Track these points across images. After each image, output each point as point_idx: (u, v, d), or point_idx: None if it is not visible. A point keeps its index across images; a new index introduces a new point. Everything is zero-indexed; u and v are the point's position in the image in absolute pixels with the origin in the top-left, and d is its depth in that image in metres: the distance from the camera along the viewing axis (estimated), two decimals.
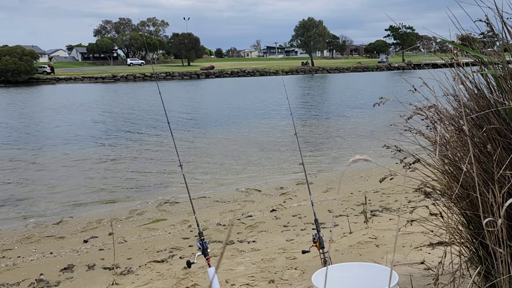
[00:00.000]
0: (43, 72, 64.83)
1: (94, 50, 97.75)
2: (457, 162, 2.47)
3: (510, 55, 2.28)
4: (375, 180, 7.59)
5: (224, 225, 6.20)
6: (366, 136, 14.68)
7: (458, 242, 2.63)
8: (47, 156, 12.99)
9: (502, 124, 2.24)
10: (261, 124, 18.45)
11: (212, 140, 15.27)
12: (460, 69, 2.47)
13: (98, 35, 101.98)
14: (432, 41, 59.32)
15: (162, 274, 4.42)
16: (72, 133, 17.36)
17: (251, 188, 8.64)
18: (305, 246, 4.17)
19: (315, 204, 4.00)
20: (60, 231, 6.64)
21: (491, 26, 2.27)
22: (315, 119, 20.15)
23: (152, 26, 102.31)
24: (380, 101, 2.71)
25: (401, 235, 4.38)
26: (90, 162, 12.09)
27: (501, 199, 2.08)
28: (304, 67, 76.51)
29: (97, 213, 7.60)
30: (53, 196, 8.84)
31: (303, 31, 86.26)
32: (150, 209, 7.58)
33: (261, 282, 3.87)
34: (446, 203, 2.63)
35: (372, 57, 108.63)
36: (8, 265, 5.23)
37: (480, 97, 2.41)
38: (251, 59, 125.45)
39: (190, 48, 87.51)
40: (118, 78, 64.16)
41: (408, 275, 3.39)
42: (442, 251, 2.87)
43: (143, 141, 15.05)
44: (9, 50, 60.59)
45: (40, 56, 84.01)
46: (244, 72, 71.46)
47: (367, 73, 71.53)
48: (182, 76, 67.76)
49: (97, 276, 4.62)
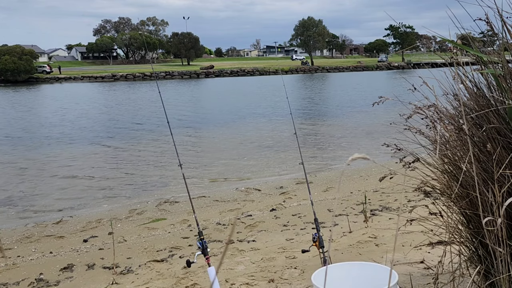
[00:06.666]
0: (43, 72, 64.80)
1: (93, 49, 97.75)
2: (456, 161, 2.47)
3: (510, 54, 2.28)
4: (374, 179, 7.59)
5: (224, 225, 6.19)
6: (366, 135, 14.68)
7: (458, 241, 2.63)
8: (47, 156, 12.98)
9: (501, 123, 2.24)
10: (260, 124, 18.44)
11: (212, 139, 15.27)
12: (460, 68, 2.47)
13: (98, 35, 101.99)
14: (432, 41, 59.28)
15: (161, 273, 4.42)
16: (71, 133, 17.35)
17: (251, 187, 8.65)
18: (305, 246, 4.17)
19: (315, 204, 4.00)
20: (59, 230, 6.64)
21: (491, 25, 2.27)
22: (315, 118, 20.15)
23: (152, 25, 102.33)
24: (379, 100, 2.70)
25: (400, 234, 4.38)
26: (89, 161, 12.08)
27: (501, 198, 2.08)
28: (304, 67, 76.51)
29: (96, 212, 7.60)
30: (53, 195, 8.84)
31: (303, 31, 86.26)
32: (150, 208, 7.58)
33: (260, 282, 3.87)
34: (446, 202, 2.63)
35: (372, 56, 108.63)
36: (8, 265, 5.22)
37: (480, 96, 2.41)
38: (251, 58, 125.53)
39: (190, 48, 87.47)
40: (117, 77, 64.15)
41: (407, 275, 3.39)
42: (441, 250, 2.87)
43: (143, 141, 15.04)
44: (9, 49, 60.55)
45: (40, 55, 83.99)
46: (243, 71, 71.44)
47: (366, 73, 71.51)
48: (181, 76, 67.73)
49: (96, 275, 4.62)
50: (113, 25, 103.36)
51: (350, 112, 21.68)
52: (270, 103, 26.78)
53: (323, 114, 21.70)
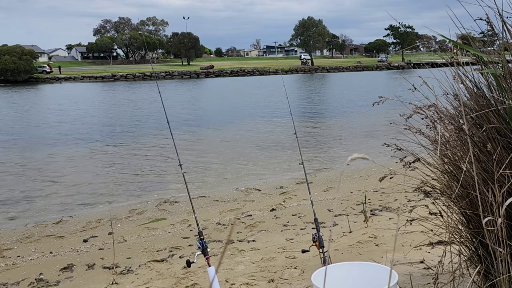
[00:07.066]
0: (43, 72, 64.80)
1: (93, 49, 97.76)
2: (457, 161, 2.47)
3: (510, 54, 2.28)
4: (374, 179, 7.59)
5: (224, 225, 6.19)
6: (366, 135, 14.67)
7: (458, 241, 2.62)
8: (46, 156, 12.98)
9: (502, 123, 2.24)
10: (260, 124, 18.44)
11: (212, 139, 15.27)
12: (460, 68, 2.46)
13: (98, 35, 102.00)
14: (432, 40, 59.31)
15: (161, 273, 4.42)
16: (71, 133, 17.35)
17: (250, 187, 8.64)
18: (305, 246, 4.17)
19: (315, 204, 4.00)
20: (59, 230, 6.64)
21: (491, 25, 2.27)
22: (315, 118, 20.14)
23: (152, 25, 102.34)
24: (379, 100, 2.70)
25: (400, 234, 4.38)
26: (89, 161, 12.08)
27: (501, 198, 2.08)
28: (304, 67, 76.50)
29: (96, 212, 7.60)
30: (53, 195, 8.84)
31: (303, 30, 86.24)
32: (150, 208, 7.58)
33: (260, 282, 3.87)
34: (446, 202, 2.63)
35: (372, 56, 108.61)
36: (8, 265, 5.22)
37: (480, 96, 2.41)
38: (251, 58, 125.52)
39: (190, 48, 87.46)
40: (117, 77, 64.15)
41: (407, 274, 3.39)
42: (441, 250, 2.87)
43: (143, 140, 15.03)
44: (9, 49, 60.54)
45: (40, 55, 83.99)
46: (243, 71, 71.41)
47: (366, 72, 71.50)
48: (181, 76, 67.71)
49: (96, 275, 4.62)
50: (113, 25, 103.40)
51: (350, 112, 21.68)
52: (270, 103, 26.78)
53: (323, 114, 21.70)
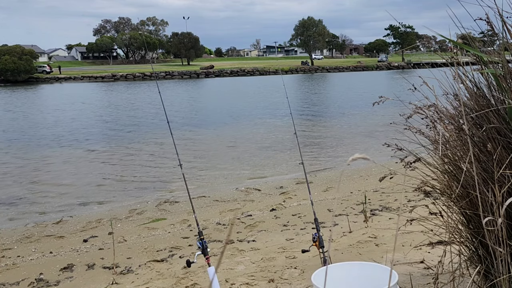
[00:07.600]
0: (43, 72, 64.79)
1: (93, 49, 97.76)
2: (457, 161, 2.47)
3: (510, 54, 2.28)
4: (374, 179, 7.59)
5: (224, 225, 6.19)
6: (366, 135, 14.67)
7: (458, 241, 2.62)
8: (46, 156, 12.98)
9: (502, 123, 2.24)
10: (260, 123, 18.44)
11: (212, 139, 15.27)
12: (460, 68, 2.46)
13: (98, 35, 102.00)
14: (432, 40, 59.35)
15: (161, 273, 4.42)
16: (71, 133, 17.35)
17: (250, 187, 8.64)
18: (305, 246, 4.17)
19: (315, 204, 4.00)
20: (59, 230, 6.64)
21: (491, 25, 2.27)
22: (315, 118, 20.15)
23: (151, 25, 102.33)
24: (379, 100, 2.70)
25: (400, 234, 4.38)
26: (89, 161, 12.08)
27: (501, 198, 2.08)
28: (304, 66, 76.53)
29: (96, 212, 7.60)
30: (53, 195, 8.84)
31: (303, 30, 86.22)
32: (150, 208, 7.58)
33: (260, 282, 3.87)
34: (446, 202, 2.63)
35: (372, 56, 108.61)
36: (7, 265, 5.22)
37: (480, 96, 2.41)
38: (251, 58, 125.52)
39: (190, 48, 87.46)
40: (117, 77, 64.15)
41: (408, 274, 3.39)
42: (441, 250, 2.87)
43: (143, 140, 15.04)
44: (9, 49, 60.54)
45: (40, 55, 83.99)
46: (243, 71, 71.41)
47: (366, 72, 71.50)
48: (181, 76, 67.71)
49: (96, 275, 4.62)
50: (113, 25, 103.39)
51: (350, 112, 21.67)
52: (270, 103, 26.78)
53: (323, 114, 21.70)
